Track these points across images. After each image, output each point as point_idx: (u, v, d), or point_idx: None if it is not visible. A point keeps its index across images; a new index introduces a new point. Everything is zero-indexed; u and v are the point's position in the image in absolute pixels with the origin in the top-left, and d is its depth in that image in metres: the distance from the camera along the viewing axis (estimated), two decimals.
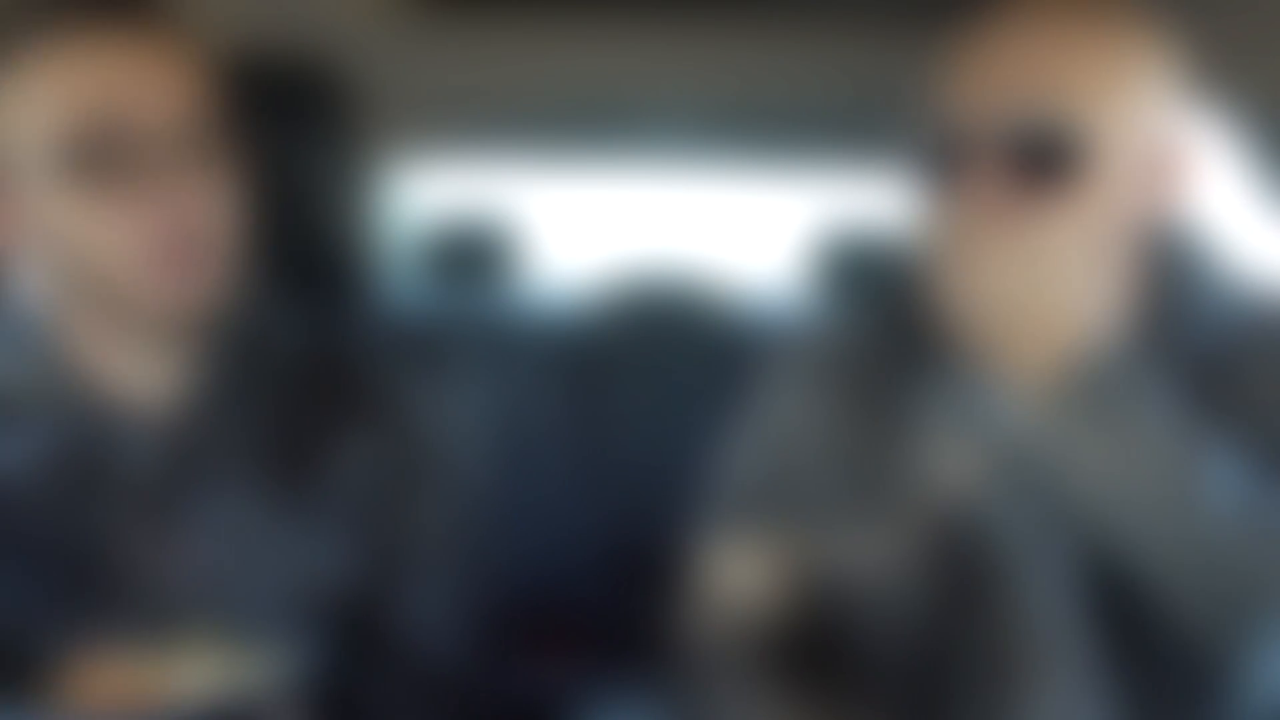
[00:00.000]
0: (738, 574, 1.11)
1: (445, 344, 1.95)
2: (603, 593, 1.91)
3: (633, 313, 2.12)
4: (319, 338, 1.15)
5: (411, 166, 2.12)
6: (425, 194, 2.30)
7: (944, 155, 1.00)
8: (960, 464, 1.06)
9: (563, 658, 1.78)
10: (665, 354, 2.05)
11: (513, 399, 1.93)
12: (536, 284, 2.25)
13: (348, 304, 2.07)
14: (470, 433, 1.19)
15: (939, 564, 1.05)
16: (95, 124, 0.96)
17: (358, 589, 1.09)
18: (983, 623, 1.04)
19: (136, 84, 0.97)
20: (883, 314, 1.17)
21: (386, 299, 2.14)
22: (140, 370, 1.05)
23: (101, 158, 0.96)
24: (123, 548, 1.03)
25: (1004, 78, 0.98)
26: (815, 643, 1.09)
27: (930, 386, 1.09)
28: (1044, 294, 1.01)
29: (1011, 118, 0.97)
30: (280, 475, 1.07)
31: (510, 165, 2.17)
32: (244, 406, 1.08)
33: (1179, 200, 1.03)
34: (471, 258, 2.19)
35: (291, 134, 1.43)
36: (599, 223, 3.85)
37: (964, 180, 0.99)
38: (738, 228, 3.73)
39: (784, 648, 1.09)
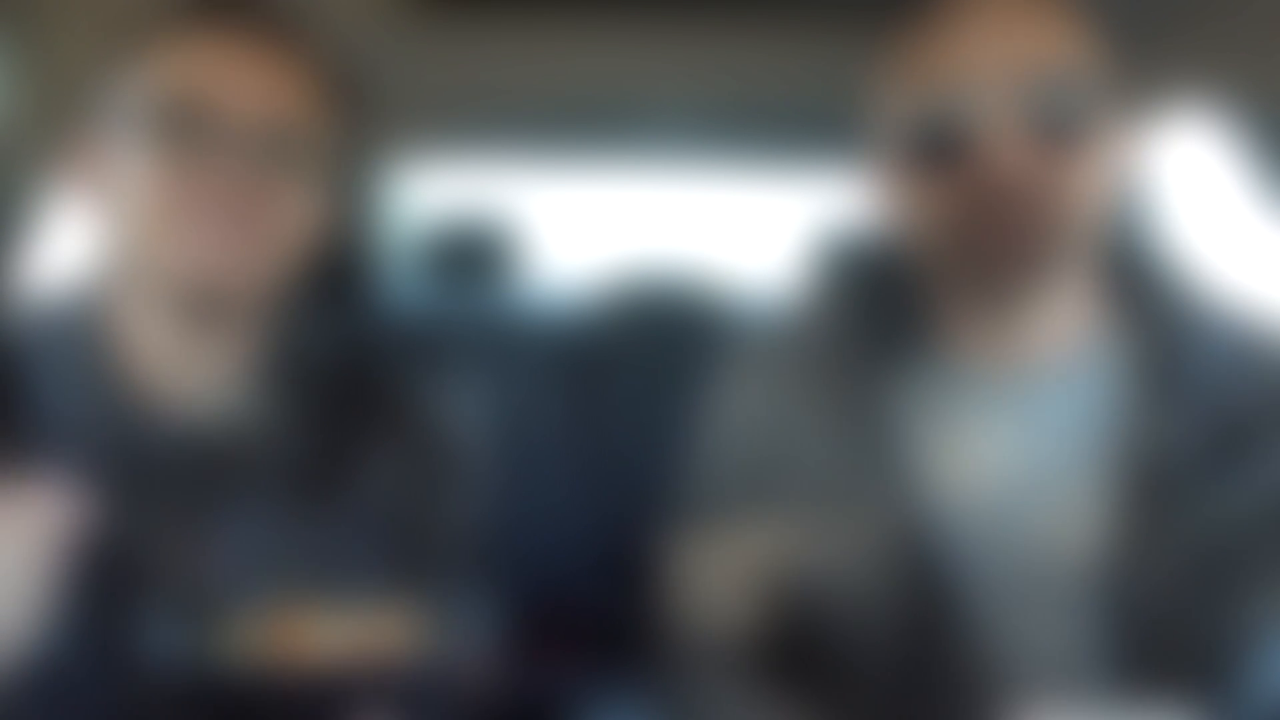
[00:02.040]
0: (715, 572, 1.12)
1: (446, 344, 1.95)
2: (602, 593, 1.91)
3: (632, 312, 2.12)
4: (342, 342, 1.16)
5: (412, 166, 2.12)
6: (425, 194, 2.30)
7: (954, 127, 1.01)
8: (937, 459, 1.07)
9: (560, 658, 1.78)
10: (664, 353, 2.05)
11: (512, 399, 1.93)
12: (536, 284, 2.25)
13: (355, 305, 2.08)
14: (474, 434, 1.20)
15: (915, 559, 1.05)
16: (189, 101, 1.00)
17: (382, 594, 1.10)
18: (961, 618, 1.04)
19: (241, 78, 1.02)
20: (860, 309, 1.17)
21: (388, 299, 2.15)
22: (184, 369, 1.06)
23: (184, 133, 1.00)
24: (159, 549, 1.02)
25: (999, 46, 1.01)
26: (795, 639, 1.09)
27: (906, 380, 1.10)
28: (1051, 241, 1.01)
29: (1022, 75, 1.00)
30: (312, 482, 1.08)
31: (510, 165, 2.18)
32: (281, 413, 1.09)
33: (1126, 184, 1.07)
34: (471, 258, 2.19)
35: None
36: (598, 223, 3.85)
37: (985, 142, 1.00)
38: (736, 228, 3.73)
39: (765, 644, 1.09)
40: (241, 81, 1.02)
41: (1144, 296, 1.09)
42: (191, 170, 0.99)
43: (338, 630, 1.00)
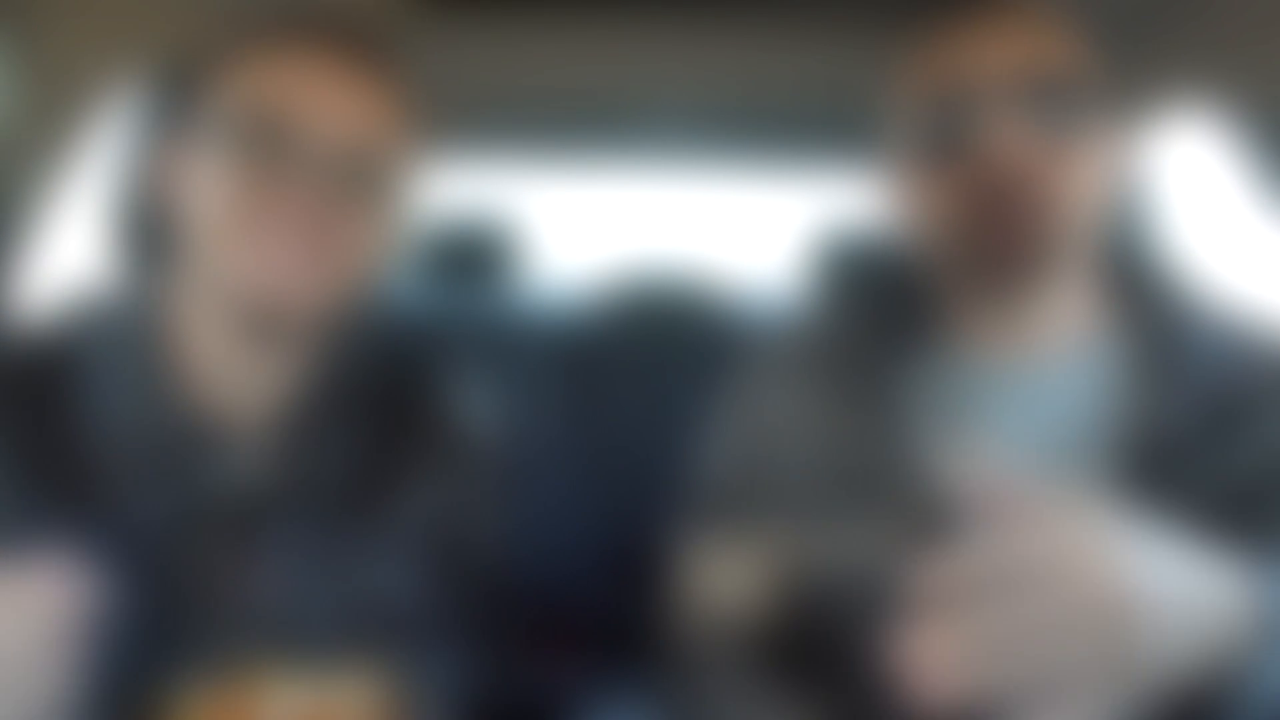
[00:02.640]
0: (723, 572, 1.12)
1: (448, 344, 1.95)
2: (602, 593, 1.91)
3: (635, 313, 2.12)
4: (380, 353, 1.16)
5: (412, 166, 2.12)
6: (426, 194, 2.30)
7: (957, 114, 1.04)
8: (946, 452, 1.07)
9: (561, 657, 1.79)
10: (665, 354, 2.05)
11: (513, 399, 1.93)
12: (538, 284, 2.25)
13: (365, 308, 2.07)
14: (484, 436, 1.20)
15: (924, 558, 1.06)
16: (270, 118, 0.99)
17: (419, 603, 1.10)
18: None
19: (324, 99, 1.01)
20: (865, 308, 1.18)
21: (389, 299, 2.15)
22: (236, 380, 1.05)
23: (264, 152, 0.99)
24: (205, 558, 1.02)
25: (1000, 40, 1.05)
26: (802, 640, 1.09)
27: (914, 375, 1.10)
28: (1052, 236, 1.04)
29: (1022, 64, 1.04)
30: (357, 493, 1.08)
31: (511, 165, 2.18)
32: (328, 426, 1.09)
33: (1119, 187, 1.09)
34: (472, 258, 2.19)
35: None
36: (601, 223, 3.85)
37: (986, 128, 1.03)
38: (737, 228, 3.74)
39: (770, 645, 1.10)
40: (324, 103, 1.01)
41: (1142, 291, 1.12)
42: (268, 190, 0.99)
43: (286, 706, 0.97)
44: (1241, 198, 1.58)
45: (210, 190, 1.00)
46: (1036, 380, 1.08)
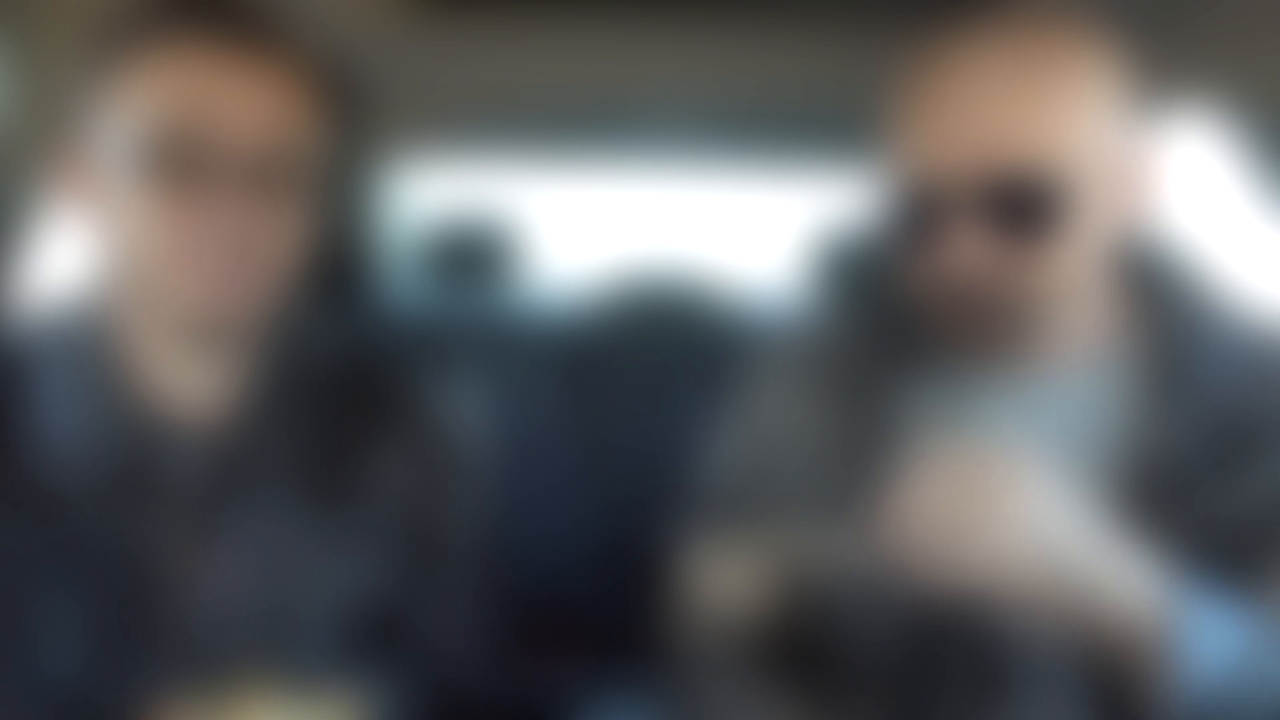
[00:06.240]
0: (722, 574, 1.12)
1: (447, 344, 1.95)
2: (601, 593, 1.91)
3: (632, 313, 2.12)
4: (348, 346, 1.16)
5: (412, 166, 2.12)
6: (425, 194, 2.30)
7: (919, 210, 1.00)
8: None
9: (561, 658, 1.79)
10: (664, 354, 2.05)
11: (512, 399, 1.93)
12: (536, 284, 2.25)
13: (356, 306, 2.08)
14: (475, 434, 1.20)
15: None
16: (184, 130, 0.98)
17: (390, 600, 1.10)
18: (967, 622, 1.04)
19: (234, 101, 1.00)
20: (868, 314, 1.17)
21: (389, 299, 2.15)
22: (188, 380, 1.05)
23: (180, 163, 0.98)
24: (166, 562, 1.02)
25: (970, 131, 0.97)
26: (802, 643, 1.09)
27: (916, 385, 1.10)
28: (1029, 327, 1.01)
29: (987, 172, 0.96)
30: (320, 488, 1.08)
31: (510, 165, 2.18)
32: (287, 419, 1.09)
33: (1147, 208, 1.03)
34: (472, 258, 2.19)
35: None
36: (599, 223, 3.86)
37: (945, 236, 0.99)
38: (737, 228, 3.74)
39: (771, 648, 1.10)
40: (235, 106, 0.99)
41: (1153, 300, 1.09)
42: (186, 202, 0.98)
43: None
44: (1248, 201, 1.58)
45: (129, 205, 0.99)
46: (1041, 392, 1.06)
